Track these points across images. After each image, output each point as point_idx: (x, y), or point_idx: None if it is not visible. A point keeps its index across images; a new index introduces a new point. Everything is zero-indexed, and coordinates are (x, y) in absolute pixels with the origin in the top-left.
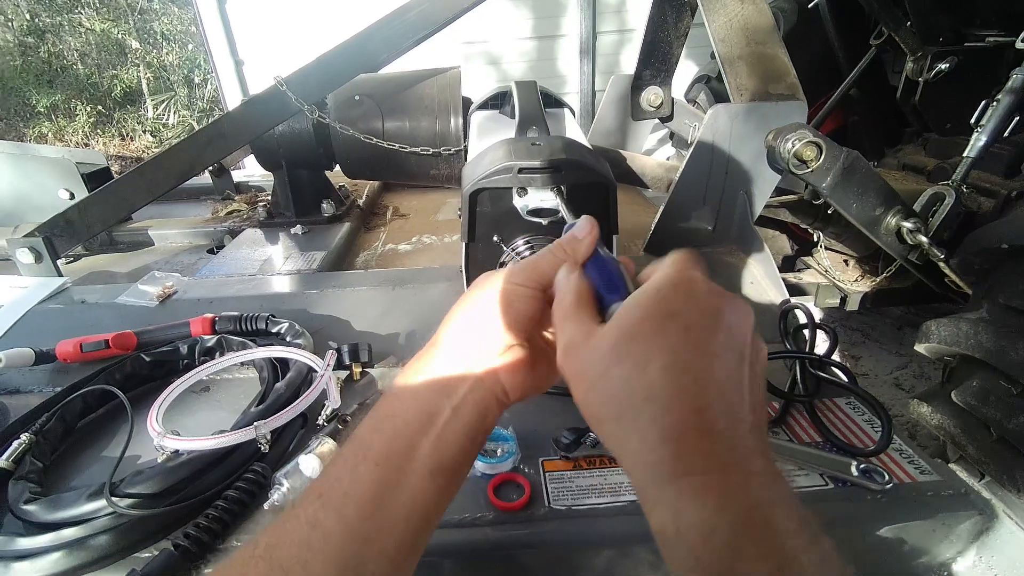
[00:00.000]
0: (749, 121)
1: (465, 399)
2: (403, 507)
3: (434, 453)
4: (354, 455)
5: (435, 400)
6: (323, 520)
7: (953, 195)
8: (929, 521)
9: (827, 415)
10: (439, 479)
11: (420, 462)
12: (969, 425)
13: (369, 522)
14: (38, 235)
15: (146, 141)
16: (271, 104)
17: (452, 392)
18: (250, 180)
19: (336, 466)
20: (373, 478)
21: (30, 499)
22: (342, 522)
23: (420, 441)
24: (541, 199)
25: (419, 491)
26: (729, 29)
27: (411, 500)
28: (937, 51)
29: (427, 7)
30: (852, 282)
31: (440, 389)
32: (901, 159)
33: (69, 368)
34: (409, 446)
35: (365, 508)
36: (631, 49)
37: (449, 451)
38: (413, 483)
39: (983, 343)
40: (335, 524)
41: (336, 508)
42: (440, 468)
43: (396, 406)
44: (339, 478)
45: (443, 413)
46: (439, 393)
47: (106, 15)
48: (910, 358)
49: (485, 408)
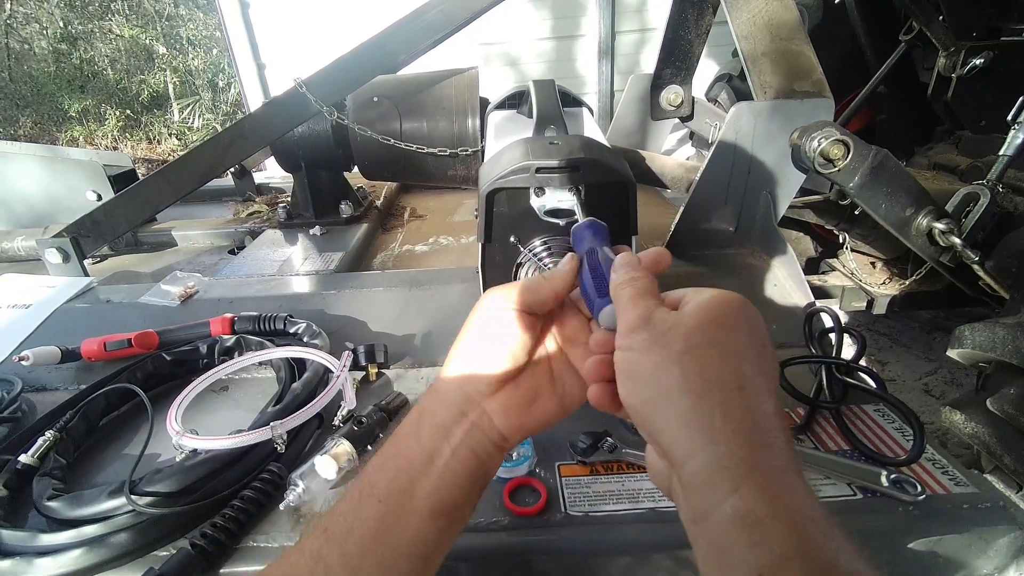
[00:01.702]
0: (773, 119)
1: (462, 442)
2: (404, 546)
3: (434, 494)
4: (360, 491)
5: (435, 441)
6: (326, 555)
7: (988, 195)
8: (965, 535)
9: (855, 423)
10: (439, 520)
11: (421, 502)
12: (1006, 434)
13: (370, 559)
14: (66, 236)
15: (172, 144)
16: (291, 106)
17: (449, 434)
18: (271, 182)
19: (343, 501)
20: (375, 515)
21: (53, 495)
22: (344, 558)
23: (421, 481)
24: (559, 199)
25: (419, 531)
26: (753, 25)
27: (411, 540)
28: (971, 46)
29: (445, 8)
30: (879, 285)
31: (439, 430)
32: (932, 158)
33: (93, 366)
34: (411, 485)
35: (367, 545)
36: (651, 48)
37: (449, 493)
38: (414, 523)
39: (1021, 349)
40: (337, 560)
41: (339, 543)
42: (441, 510)
43: (401, 445)
44: (344, 513)
45: (442, 455)
46: (438, 434)
47: (135, 21)
48: (940, 364)
49: (483, 452)
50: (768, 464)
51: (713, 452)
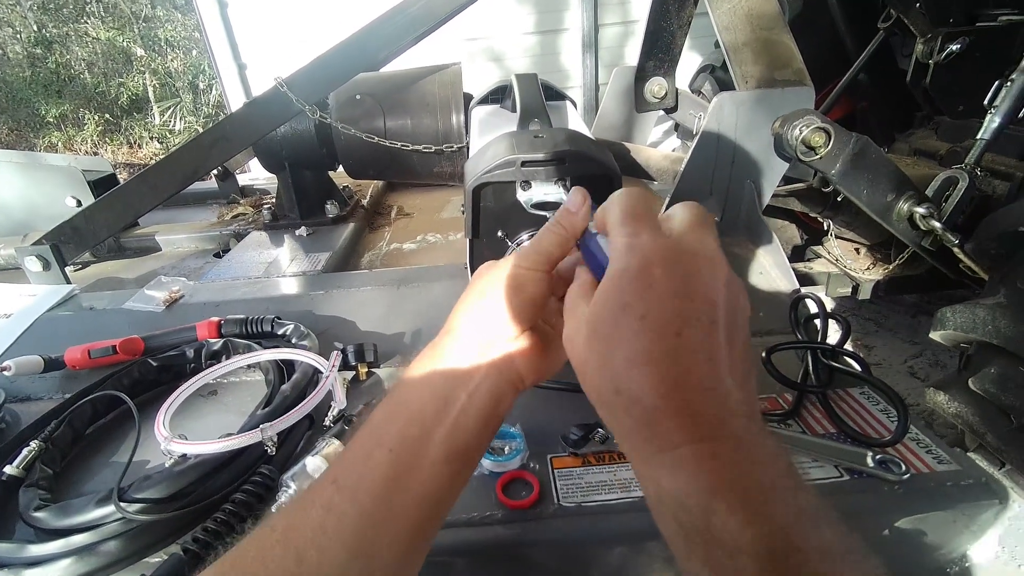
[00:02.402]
0: (755, 109)
1: (480, 386)
2: (416, 492)
3: (449, 439)
4: (369, 441)
5: (450, 388)
6: (337, 504)
7: (967, 178)
8: (949, 512)
9: (841, 406)
10: (454, 464)
11: (435, 448)
12: (988, 413)
13: (383, 507)
14: (45, 243)
15: (153, 148)
16: (272, 105)
17: (467, 380)
18: (255, 183)
19: (351, 452)
20: (387, 463)
21: (40, 506)
22: (356, 506)
23: (435, 428)
24: (545, 192)
25: (433, 476)
26: (733, 16)
27: (424, 485)
28: (948, 32)
29: (426, 3)
30: (864, 270)
31: (455, 377)
32: (912, 144)
33: (78, 375)
34: (424, 433)
35: (379, 493)
36: (635, 41)
37: (464, 437)
38: (427, 469)
39: (1001, 329)
40: (349, 508)
41: (350, 493)
42: (455, 454)
43: (411, 394)
44: (353, 463)
45: (458, 400)
46: (454, 381)
47: (111, 24)
48: (924, 346)
49: (500, 394)
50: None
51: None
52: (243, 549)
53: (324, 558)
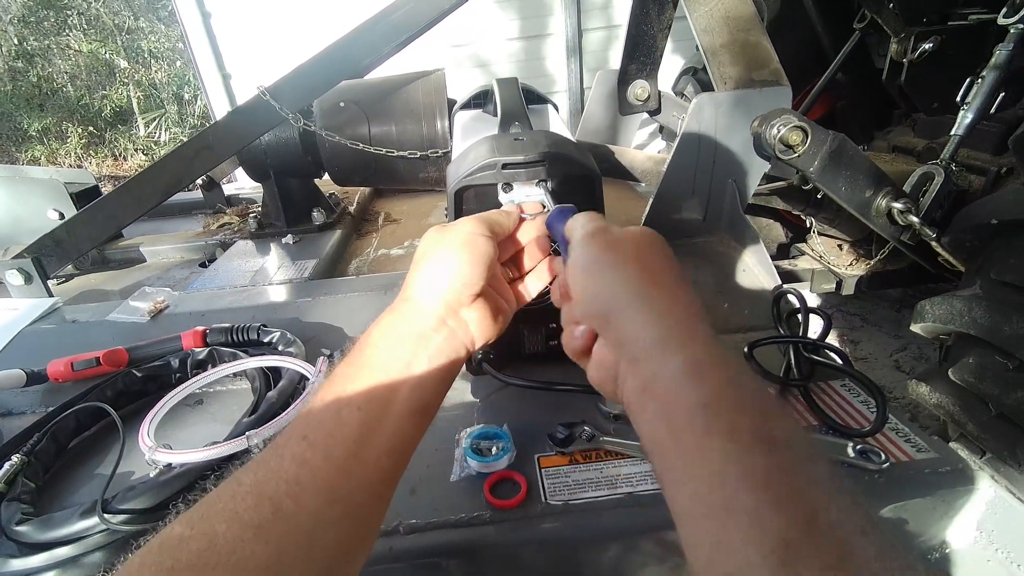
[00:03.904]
0: (734, 109)
1: (440, 348)
2: (384, 444)
3: (412, 396)
4: (336, 400)
5: (412, 349)
6: (311, 458)
7: (942, 174)
8: (929, 499)
9: (823, 398)
10: (416, 418)
11: (400, 405)
12: (967, 402)
13: (354, 459)
14: (27, 256)
15: (139, 160)
16: (255, 114)
17: (428, 342)
18: (241, 192)
19: (319, 410)
20: (357, 420)
21: (22, 520)
22: (329, 460)
23: (400, 387)
24: (527, 194)
25: (398, 430)
26: (710, 19)
27: (391, 438)
28: (920, 31)
29: (407, 10)
30: (847, 266)
31: (416, 339)
32: (891, 141)
33: (61, 387)
34: (390, 391)
35: (350, 447)
36: (619, 45)
37: (425, 394)
38: (393, 423)
39: (977, 319)
40: (323, 462)
41: (323, 448)
42: (417, 409)
43: (375, 356)
44: (323, 420)
45: (420, 361)
46: (415, 342)
47: (93, 36)
48: (909, 340)
49: (456, 354)
50: (705, 331)
51: (665, 324)
52: (209, 503)
53: (300, 506)
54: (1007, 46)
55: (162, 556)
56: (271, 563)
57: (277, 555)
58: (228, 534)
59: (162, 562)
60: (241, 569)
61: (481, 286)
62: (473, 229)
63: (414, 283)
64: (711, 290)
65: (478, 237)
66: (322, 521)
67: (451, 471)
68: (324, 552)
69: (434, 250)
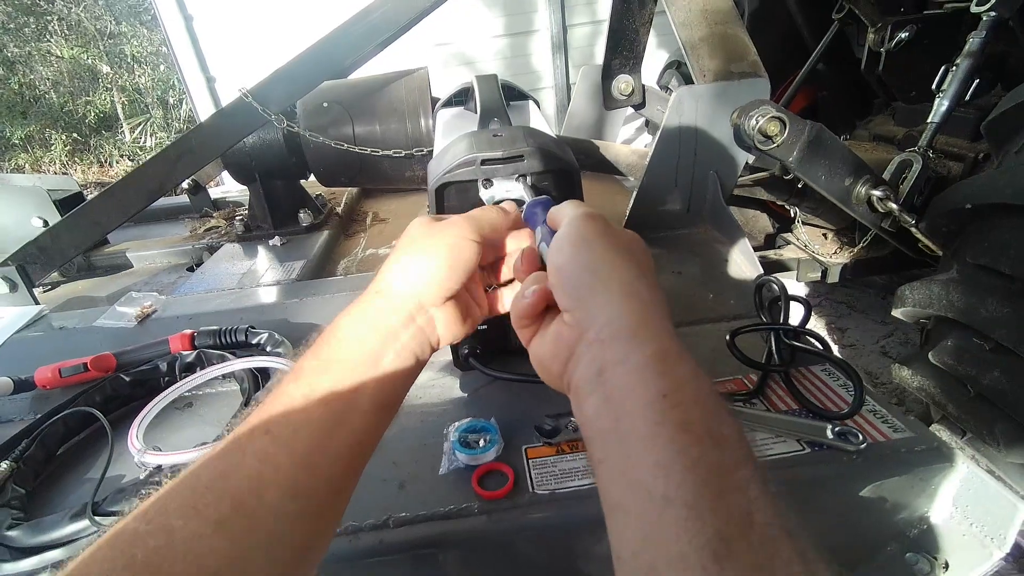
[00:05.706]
0: (714, 102)
1: (407, 345)
2: (348, 438)
3: (377, 392)
4: (301, 393)
5: (379, 345)
6: (274, 454)
7: (920, 161)
8: (906, 477)
9: (803, 383)
10: (380, 413)
11: (365, 400)
12: (947, 384)
13: (317, 454)
14: (11, 264)
15: (125, 166)
16: (238, 116)
17: (395, 338)
18: (227, 196)
19: (283, 403)
20: (321, 415)
21: (12, 524)
22: (292, 456)
23: (366, 383)
24: (507, 189)
25: (363, 425)
26: (689, 12)
27: (355, 433)
28: (897, 20)
29: (388, 10)
30: (831, 255)
31: (384, 334)
32: (871, 130)
33: (49, 394)
34: (355, 386)
35: (314, 442)
36: (604, 40)
37: (391, 389)
38: (358, 419)
39: (954, 303)
40: (286, 458)
41: (286, 443)
42: (382, 404)
43: (342, 351)
44: (286, 414)
45: (386, 359)
46: (383, 338)
47: (75, 41)
48: (895, 326)
49: (421, 352)
50: (671, 328)
51: (642, 312)
52: (166, 498)
53: (262, 502)
54: (980, 33)
55: (115, 552)
56: (232, 559)
57: (238, 551)
58: (187, 529)
59: (115, 559)
60: (200, 565)
61: (456, 290)
62: (462, 233)
63: (390, 274)
64: (696, 280)
65: (465, 241)
66: (284, 516)
67: (440, 465)
68: (285, 547)
69: (417, 244)
